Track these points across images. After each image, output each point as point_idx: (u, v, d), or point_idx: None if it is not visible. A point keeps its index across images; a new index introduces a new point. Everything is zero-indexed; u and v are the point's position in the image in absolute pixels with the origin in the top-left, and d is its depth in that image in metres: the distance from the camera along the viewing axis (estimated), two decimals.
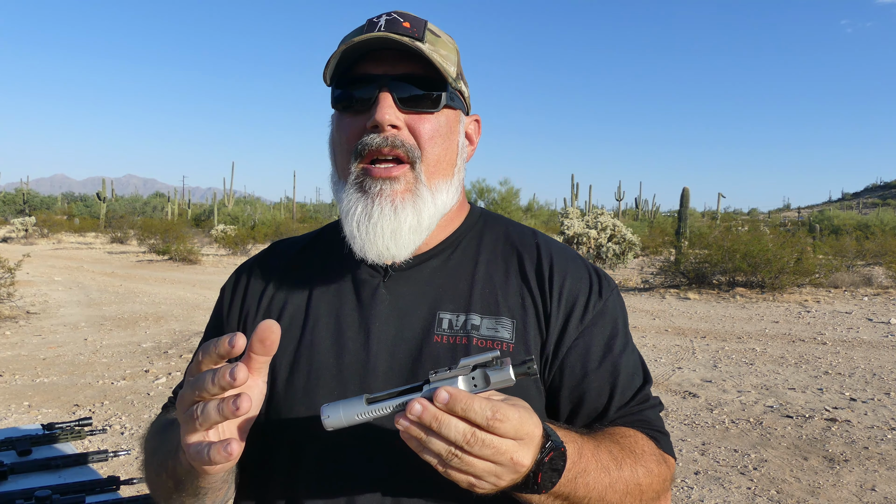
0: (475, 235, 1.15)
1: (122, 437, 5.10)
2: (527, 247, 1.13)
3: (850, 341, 8.79)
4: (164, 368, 7.15)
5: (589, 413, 1.05)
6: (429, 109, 1.03)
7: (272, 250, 1.23)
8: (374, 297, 1.07)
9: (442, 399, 0.73)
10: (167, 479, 0.95)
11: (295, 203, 52.44)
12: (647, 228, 30.09)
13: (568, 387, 1.04)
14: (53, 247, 26.91)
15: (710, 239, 15.55)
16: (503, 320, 1.04)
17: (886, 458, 4.70)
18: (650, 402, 1.09)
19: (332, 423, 0.79)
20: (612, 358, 1.06)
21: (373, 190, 1.02)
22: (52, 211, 47.34)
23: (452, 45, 1.09)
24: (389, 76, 1.01)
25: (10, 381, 6.63)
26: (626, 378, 1.06)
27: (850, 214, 46.20)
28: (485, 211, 1.21)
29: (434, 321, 1.04)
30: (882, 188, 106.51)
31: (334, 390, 1.02)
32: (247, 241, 23.30)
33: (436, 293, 1.07)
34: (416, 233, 1.03)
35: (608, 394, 1.05)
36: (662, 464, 1.01)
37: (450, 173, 1.07)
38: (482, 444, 0.73)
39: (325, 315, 1.08)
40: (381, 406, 0.78)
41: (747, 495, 4.12)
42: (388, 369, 1.02)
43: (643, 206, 58.85)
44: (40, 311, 10.75)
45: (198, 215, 41.93)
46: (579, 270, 1.11)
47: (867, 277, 14.77)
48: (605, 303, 1.08)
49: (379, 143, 1.00)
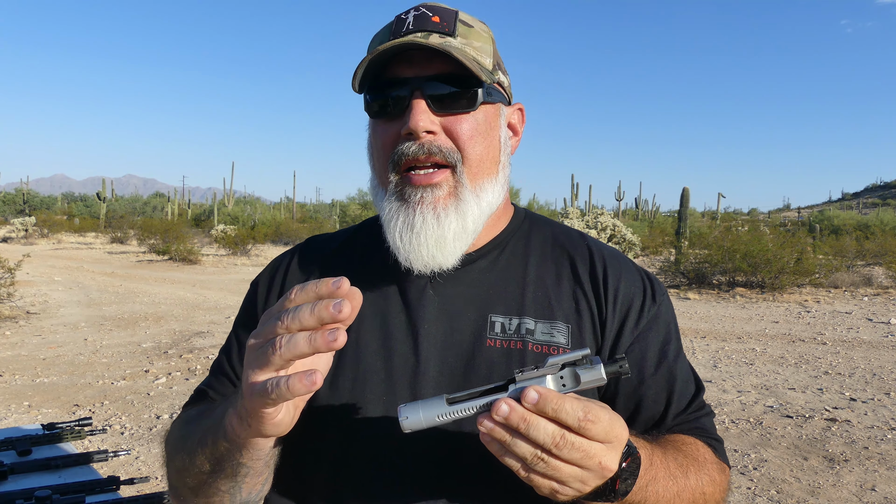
0: (522, 236, 1.11)
1: (122, 437, 5.10)
2: (578, 249, 1.10)
3: (850, 341, 8.79)
4: (164, 368, 7.15)
5: (646, 420, 1.03)
6: (465, 109, 0.98)
7: (309, 245, 1.19)
8: (422, 299, 1.03)
9: (531, 399, 0.69)
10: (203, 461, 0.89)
11: (295, 203, 52.44)
12: (647, 228, 30.08)
13: (624, 394, 1.02)
14: (53, 247, 26.91)
15: (710, 239, 15.55)
16: (558, 325, 1.01)
17: (886, 458, 4.70)
18: (705, 409, 1.07)
19: (410, 425, 0.75)
20: (667, 364, 1.04)
21: (413, 198, 0.98)
22: (52, 211, 47.35)
23: (487, 33, 1.03)
24: (421, 78, 0.96)
25: (10, 381, 6.63)
26: (682, 385, 1.04)
27: (850, 214, 46.19)
28: (529, 212, 1.18)
29: (486, 324, 1.01)
30: (882, 188, 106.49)
31: (383, 395, 0.99)
32: (247, 241, 23.29)
33: (485, 295, 1.03)
34: (461, 239, 0.99)
35: (665, 401, 1.03)
36: (722, 472, 1.00)
37: (493, 171, 1.03)
38: (571, 447, 0.70)
39: (370, 316, 1.04)
40: (465, 406, 0.74)
41: (747, 495, 4.12)
42: (438, 374, 0.99)
43: (643, 206, 58.84)
44: (40, 311, 10.75)
45: (198, 215, 41.93)
46: (632, 274, 1.08)
47: (867, 277, 14.77)
48: (658, 307, 1.06)
49: (415, 152, 0.96)
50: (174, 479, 0.99)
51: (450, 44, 0.96)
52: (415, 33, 0.96)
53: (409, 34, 0.96)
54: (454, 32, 0.98)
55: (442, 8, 1.00)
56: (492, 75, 1.00)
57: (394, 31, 0.98)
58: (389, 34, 0.98)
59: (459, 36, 0.98)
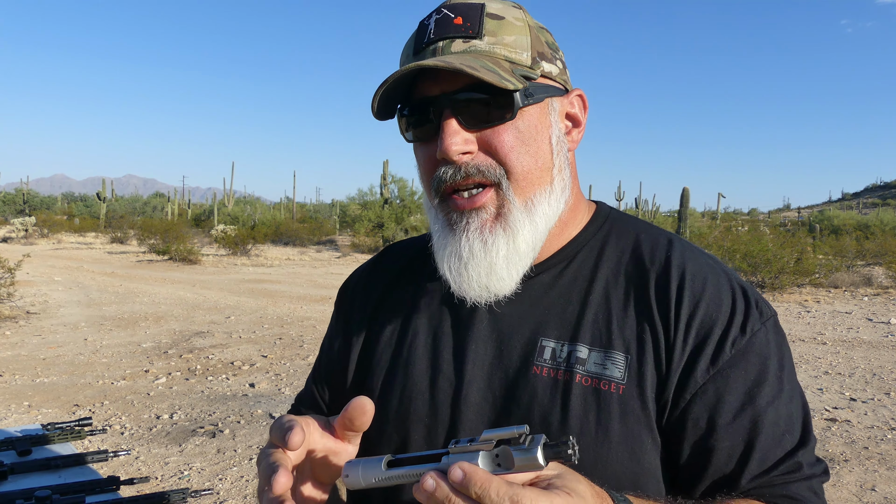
0: (597, 244, 0.98)
1: (122, 437, 5.10)
2: (656, 260, 0.94)
3: (850, 341, 8.78)
4: (164, 368, 7.15)
5: (713, 477, 0.86)
6: (502, 120, 0.88)
7: (384, 255, 1.16)
8: (474, 317, 0.96)
9: (456, 477, 0.62)
10: None
11: (295, 203, 52.44)
12: None
13: (689, 442, 0.86)
14: (53, 247, 26.91)
15: (710, 239, 15.56)
16: (615, 355, 0.88)
17: (886, 458, 4.70)
18: (803, 471, 0.86)
19: (350, 483, 0.73)
20: (752, 411, 0.85)
21: (459, 225, 0.90)
22: (52, 211, 47.34)
23: (522, 21, 0.91)
24: (448, 95, 0.87)
25: (10, 381, 6.63)
26: (771, 438, 0.85)
27: (850, 214, 46.18)
28: (614, 212, 1.04)
29: (535, 349, 0.91)
30: (882, 188, 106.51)
31: (425, 417, 0.95)
32: (247, 241, 23.28)
33: (541, 315, 0.93)
34: (514, 263, 0.90)
35: (739, 457, 0.85)
36: None
37: (546, 180, 0.91)
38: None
39: (424, 332, 0.99)
40: (398, 473, 0.70)
41: None
42: (481, 399, 0.92)
43: (643, 206, 58.79)
44: (40, 311, 10.74)
45: (198, 215, 41.93)
46: (719, 292, 0.90)
47: (867, 277, 14.77)
48: (749, 339, 0.87)
49: (453, 176, 0.88)
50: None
51: (475, 48, 0.87)
52: (436, 42, 0.89)
53: (432, 44, 0.89)
54: (480, 33, 0.87)
55: (466, 4, 0.90)
56: (531, 71, 0.89)
57: (416, 42, 0.91)
58: (413, 46, 0.92)
59: (487, 35, 0.88)
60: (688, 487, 0.88)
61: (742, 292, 0.91)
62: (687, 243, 0.98)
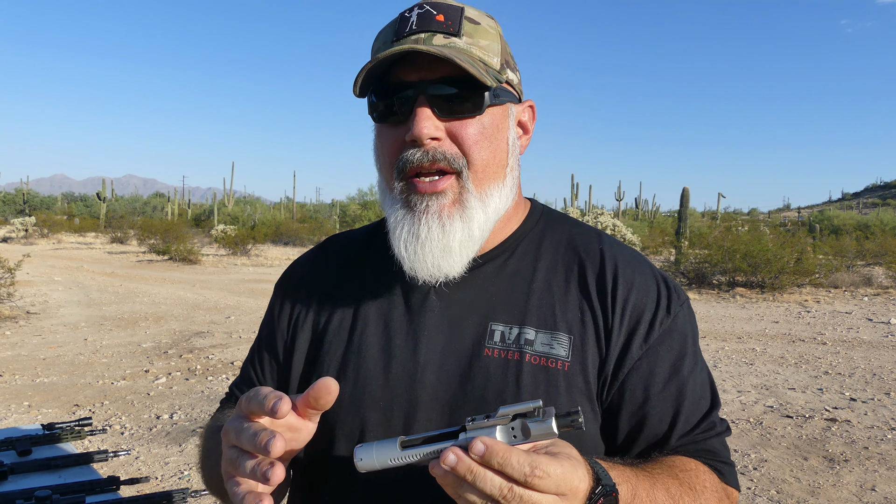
0: (535, 238, 1.07)
1: (122, 437, 5.10)
2: (590, 253, 1.04)
3: (850, 341, 8.79)
4: (164, 368, 7.15)
5: (648, 439, 0.98)
6: (471, 114, 0.95)
7: (325, 247, 1.19)
8: (425, 304, 1.02)
9: (478, 451, 0.68)
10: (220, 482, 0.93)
11: (295, 203, 52.43)
12: (647, 228, 30.08)
13: (627, 411, 0.97)
14: (53, 247, 26.91)
15: (710, 239, 15.56)
16: (560, 336, 0.97)
17: (886, 458, 4.70)
18: (716, 429, 1.01)
19: (364, 466, 0.76)
20: (677, 381, 0.98)
21: (419, 207, 0.96)
22: (52, 211, 47.34)
23: (495, 29, 1.00)
24: (426, 82, 0.93)
25: (10, 381, 6.63)
26: (692, 403, 0.99)
27: (850, 214, 46.19)
28: (546, 210, 1.13)
29: (486, 333, 0.99)
30: (882, 188, 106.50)
31: (380, 401, 0.99)
32: (247, 241, 23.29)
33: (489, 302, 1.01)
34: (467, 247, 0.97)
35: (670, 420, 0.97)
36: (724, 500, 0.95)
37: (500, 175, 0.99)
38: (520, 500, 0.68)
39: (375, 320, 1.04)
40: (416, 452, 0.75)
41: (747, 495, 4.12)
42: (436, 382, 0.98)
43: (643, 206, 58.83)
44: (40, 311, 10.75)
45: (198, 215, 41.93)
46: (647, 281, 1.02)
47: (867, 277, 14.77)
48: (673, 319, 1.00)
49: (420, 159, 0.94)
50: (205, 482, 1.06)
51: (454, 45, 0.94)
52: (418, 34, 0.94)
53: (413, 34, 0.94)
54: (459, 32, 0.95)
55: (447, 5, 0.97)
56: (499, 75, 0.97)
57: (397, 30, 0.96)
58: (393, 34, 0.96)
59: (465, 35, 0.95)
60: (623, 453, 0.99)
61: (664, 280, 1.04)
62: (611, 238, 1.10)
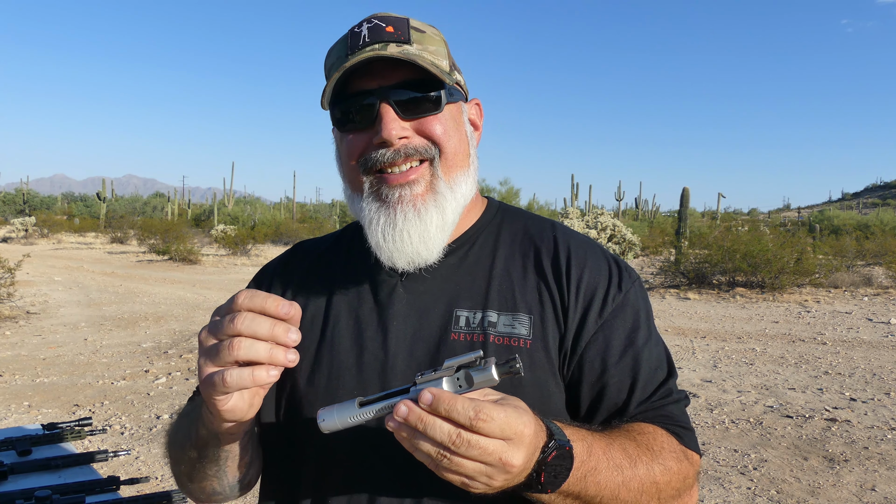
0: (493, 230, 1.14)
1: (122, 437, 5.10)
2: (545, 240, 1.12)
3: (850, 341, 8.79)
4: (164, 368, 7.15)
5: (609, 408, 1.03)
6: (432, 112, 1.02)
7: (295, 251, 1.24)
8: (392, 296, 1.07)
9: (426, 400, 0.73)
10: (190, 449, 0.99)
11: (295, 203, 52.44)
12: (647, 228, 30.08)
13: (587, 382, 1.03)
14: (53, 247, 26.91)
15: (710, 239, 15.56)
16: (520, 316, 1.03)
17: (886, 458, 4.71)
18: (673, 396, 1.06)
19: (327, 427, 0.81)
20: (633, 352, 1.04)
21: (392, 197, 1.01)
22: (52, 211, 47.34)
23: (439, 36, 1.07)
24: (386, 87, 1.00)
25: (10, 381, 6.63)
26: (648, 372, 1.04)
27: (850, 214, 46.19)
28: (503, 205, 1.20)
29: (451, 319, 1.04)
30: (882, 188, 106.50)
31: (354, 389, 1.02)
32: (247, 241, 23.29)
33: (453, 290, 1.07)
34: (442, 231, 1.03)
35: (628, 389, 1.03)
36: (683, 461, 0.99)
37: (466, 164, 1.07)
38: (468, 445, 0.73)
39: (345, 315, 1.09)
40: (372, 409, 0.80)
41: (747, 495, 4.12)
42: (406, 368, 1.02)
43: (643, 206, 58.84)
44: (40, 311, 10.75)
45: (198, 215, 41.92)
46: (598, 262, 1.09)
47: (867, 277, 14.77)
48: (625, 295, 1.06)
49: (392, 157, 1.00)
50: (173, 468, 1.08)
51: (407, 52, 0.99)
52: (372, 45, 0.99)
53: (367, 47, 0.99)
54: (409, 40, 1.01)
55: (393, 17, 1.03)
56: (450, 76, 1.03)
57: (350, 45, 1.01)
58: (346, 49, 1.01)
59: (415, 42, 1.01)
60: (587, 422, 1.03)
61: (615, 260, 1.11)
62: (564, 226, 1.17)
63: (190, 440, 0.99)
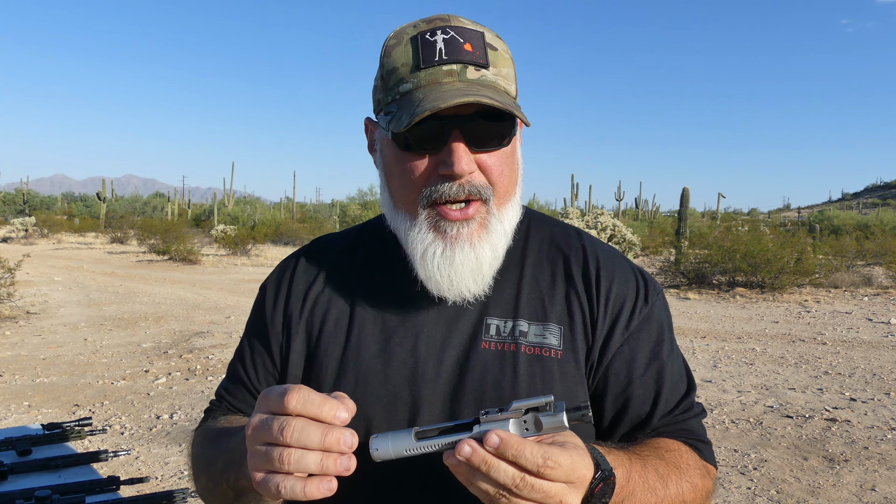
0: (521, 238, 1.11)
1: (122, 437, 5.10)
2: (573, 249, 1.11)
3: (850, 341, 8.79)
4: (164, 368, 7.15)
5: (632, 420, 1.04)
6: (497, 147, 0.98)
7: (314, 247, 1.20)
8: (421, 303, 1.05)
9: (492, 443, 0.72)
10: (227, 490, 0.94)
11: (295, 203, 52.44)
12: (647, 228, 30.08)
13: (612, 394, 1.03)
14: (53, 247, 26.91)
15: (710, 239, 15.56)
16: (551, 326, 1.03)
17: (886, 458, 4.71)
18: (693, 410, 1.07)
19: (380, 455, 0.79)
20: (657, 365, 1.04)
21: (451, 233, 0.99)
22: (52, 211, 47.35)
23: (508, 54, 1.01)
24: (462, 117, 0.94)
25: (10, 381, 6.63)
26: (671, 386, 1.05)
27: (850, 214, 46.19)
28: (529, 211, 1.17)
29: (482, 327, 1.03)
30: (882, 188, 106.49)
31: (383, 397, 1.01)
32: (247, 241, 23.28)
33: (483, 298, 1.05)
34: (493, 266, 1.02)
35: (652, 402, 1.03)
36: (706, 476, 1.01)
37: (513, 193, 1.05)
38: (531, 489, 0.72)
39: (371, 319, 1.07)
40: (431, 443, 0.78)
41: (747, 495, 4.12)
42: (435, 375, 1.01)
43: (643, 206, 58.82)
44: (40, 311, 10.75)
45: (198, 215, 41.92)
46: (626, 274, 1.09)
47: (867, 277, 14.78)
48: (651, 308, 1.07)
49: (456, 192, 0.97)
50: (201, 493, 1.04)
51: (485, 79, 0.95)
52: (450, 64, 0.94)
53: (444, 64, 0.94)
54: (487, 63, 0.96)
55: (470, 31, 0.97)
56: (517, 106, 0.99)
57: (424, 56, 0.95)
58: (418, 59, 0.95)
59: (492, 66, 0.96)
60: (608, 435, 1.05)
61: (640, 272, 1.11)
62: (589, 234, 1.16)
63: (227, 481, 0.93)
